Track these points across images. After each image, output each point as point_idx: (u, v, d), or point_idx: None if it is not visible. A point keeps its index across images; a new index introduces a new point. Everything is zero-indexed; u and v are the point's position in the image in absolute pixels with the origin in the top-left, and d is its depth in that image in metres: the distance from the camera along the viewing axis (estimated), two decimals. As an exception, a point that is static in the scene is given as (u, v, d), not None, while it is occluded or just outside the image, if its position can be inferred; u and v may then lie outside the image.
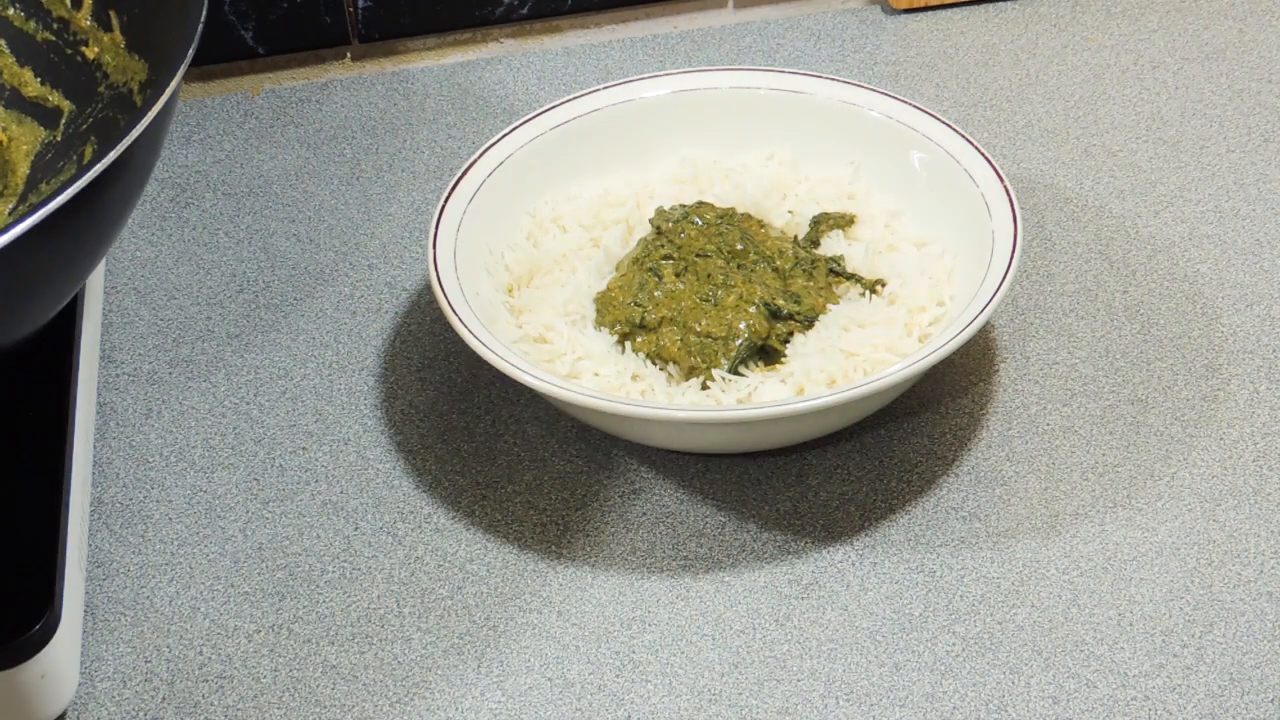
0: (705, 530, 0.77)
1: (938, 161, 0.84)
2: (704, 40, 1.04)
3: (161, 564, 0.77)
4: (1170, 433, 0.80)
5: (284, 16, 1.01)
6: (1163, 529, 0.76)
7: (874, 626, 0.73)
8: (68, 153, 0.79)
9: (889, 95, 0.87)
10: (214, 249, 0.92)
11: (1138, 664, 0.70)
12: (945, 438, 0.80)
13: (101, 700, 0.71)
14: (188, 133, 0.99)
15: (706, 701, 0.70)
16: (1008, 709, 0.69)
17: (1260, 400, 0.81)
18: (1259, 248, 0.89)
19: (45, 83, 0.82)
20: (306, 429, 0.82)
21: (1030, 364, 0.83)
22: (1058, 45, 1.03)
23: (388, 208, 0.94)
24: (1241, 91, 0.99)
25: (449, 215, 0.82)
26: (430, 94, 1.01)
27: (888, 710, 0.70)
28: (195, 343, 0.87)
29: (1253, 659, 0.71)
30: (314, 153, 0.98)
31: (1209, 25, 1.03)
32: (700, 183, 0.87)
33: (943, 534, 0.76)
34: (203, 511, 0.79)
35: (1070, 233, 0.90)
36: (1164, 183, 0.93)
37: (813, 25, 1.05)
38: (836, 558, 0.75)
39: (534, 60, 1.04)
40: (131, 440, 0.82)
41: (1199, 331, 0.84)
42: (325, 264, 0.91)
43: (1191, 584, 0.73)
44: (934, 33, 1.04)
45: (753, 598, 0.74)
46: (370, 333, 0.87)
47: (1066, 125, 0.97)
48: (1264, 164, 0.94)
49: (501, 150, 0.86)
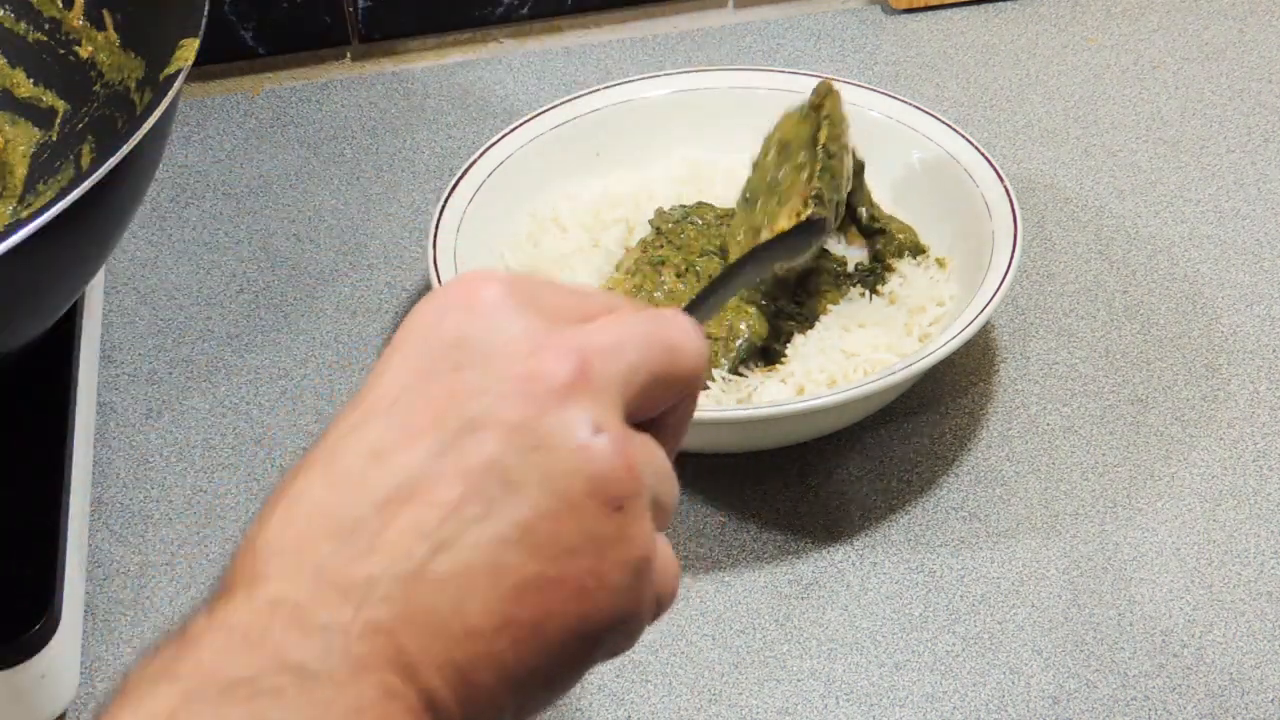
0: (705, 530, 0.77)
1: (938, 161, 0.84)
2: (704, 40, 1.04)
3: (161, 564, 0.77)
4: (1170, 433, 0.80)
5: (284, 16, 1.01)
6: (1163, 529, 0.76)
7: (874, 626, 0.73)
8: (64, 153, 0.79)
9: (889, 95, 0.87)
10: (214, 249, 0.92)
11: (1138, 664, 0.70)
12: (945, 438, 0.80)
13: (101, 700, 0.71)
14: (188, 133, 0.99)
15: (706, 701, 0.70)
16: (1008, 709, 0.69)
17: (1260, 400, 0.81)
18: (1259, 248, 0.89)
19: (38, 83, 0.82)
20: (306, 429, 0.82)
21: (1030, 364, 0.83)
22: (1058, 45, 1.03)
23: (388, 208, 0.94)
24: (1241, 91, 0.99)
25: (449, 215, 0.82)
26: (430, 94, 1.01)
27: (888, 710, 0.70)
28: (195, 343, 0.87)
29: (1253, 659, 0.71)
30: (314, 153, 0.98)
31: (1209, 25, 1.03)
32: (700, 183, 0.87)
33: (943, 534, 0.76)
34: (203, 511, 0.79)
35: (1070, 233, 0.90)
36: (1164, 183, 0.93)
37: (813, 25, 1.05)
38: (836, 558, 0.75)
39: (534, 60, 1.04)
40: (131, 440, 0.82)
41: (1199, 331, 0.84)
42: (325, 264, 0.91)
43: (1191, 584, 0.73)
44: (934, 33, 1.04)
45: (753, 598, 0.74)
46: (370, 333, 0.87)
47: (1066, 125, 0.97)
48: (1264, 164, 0.94)
49: (501, 150, 0.86)
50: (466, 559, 0.41)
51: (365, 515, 0.41)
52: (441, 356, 0.44)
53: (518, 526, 0.42)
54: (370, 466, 0.42)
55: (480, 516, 0.42)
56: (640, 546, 0.44)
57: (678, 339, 0.46)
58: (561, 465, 0.42)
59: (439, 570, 0.41)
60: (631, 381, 0.45)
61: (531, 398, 0.43)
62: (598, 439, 0.43)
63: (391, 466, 0.42)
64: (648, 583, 0.45)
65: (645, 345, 0.45)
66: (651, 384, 0.46)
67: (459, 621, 0.41)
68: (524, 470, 0.42)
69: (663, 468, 0.46)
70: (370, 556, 0.41)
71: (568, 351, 0.44)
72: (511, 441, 0.42)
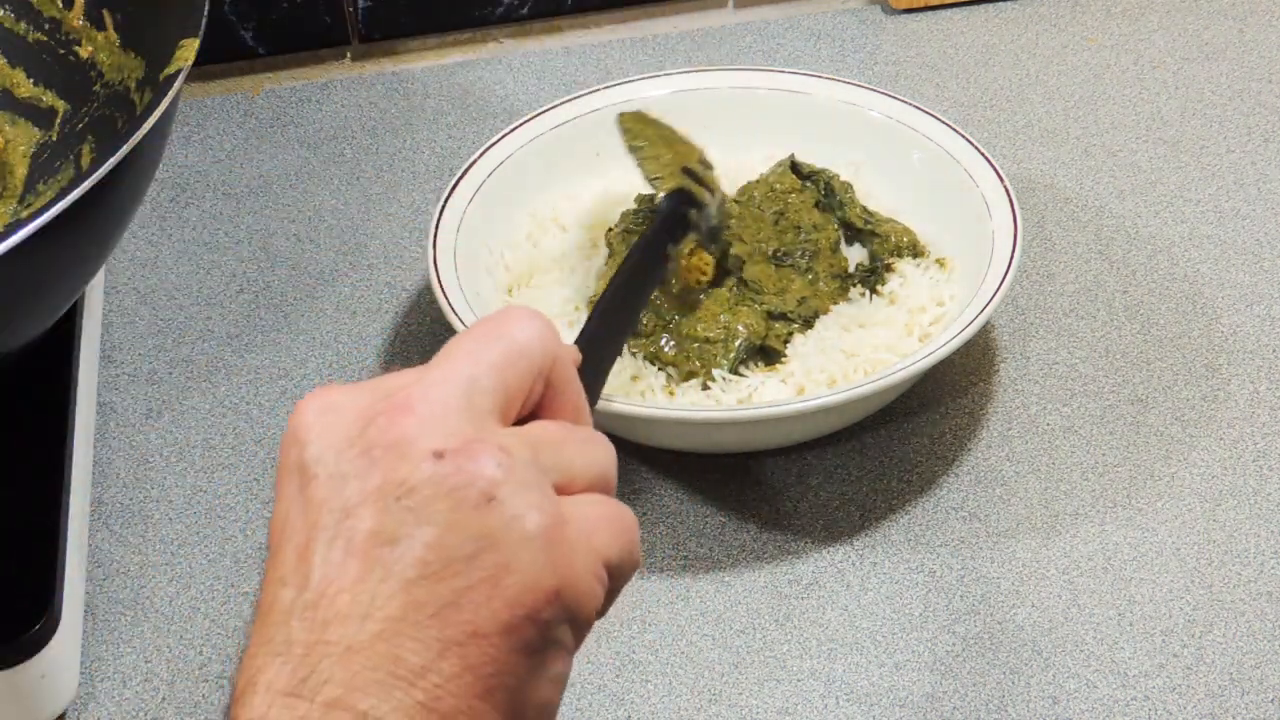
0: (705, 530, 0.77)
1: (938, 161, 0.84)
2: (704, 40, 1.04)
3: (161, 564, 0.77)
4: (1170, 433, 0.80)
5: (284, 16, 1.01)
6: (1163, 529, 0.76)
7: (874, 626, 0.72)
8: (64, 153, 0.79)
9: (889, 95, 0.87)
10: (214, 249, 0.92)
11: (1138, 664, 0.70)
12: (945, 438, 0.80)
13: (101, 700, 0.71)
14: (188, 133, 0.99)
15: (706, 701, 0.70)
16: (1008, 709, 0.69)
17: (1260, 400, 0.81)
18: (1259, 248, 0.89)
19: (38, 83, 0.82)
20: (306, 429, 0.82)
21: (1030, 364, 0.83)
22: (1058, 45, 1.03)
23: (388, 208, 0.94)
24: (1241, 91, 0.99)
25: (449, 215, 0.82)
26: (430, 94, 1.01)
27: (888, 710, 0.70)
28: (195, 343, 0.87)
29: (1253, 659, 0.71)
30: (314, 153, 0.98)
31: (1209, 25, 1.03)
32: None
33: (943, 534, 0.76)
34: (203, 511, 0.79)
35: (1070, 233, 0.90)
36: (1164, 183, 0.93)
37: (813, 25, 1.05)
38: (836, 558, 0.75)
39: (534, 60, 1.04)
40: (131, 440, 0.82)
41: (1199, 331, 0.84)
42: (325, 264, 0.91)
43: (1191, 584, 0.73)
44: (934, 33, 1.04)
45: (753, 598, 0.74)
46: (370, 333, 0.87)
47: (1066, 125, 0.97)
48: (1264, 164, 0.94)
49: (501, 150, 0.86)
50: (384, 614, 0.45)
51: (292, 631, 0.45)
52: (294, 483, 0.47)
53: (414, 565, 0.45)
54: (282, 591, 0.46)
55: (383, 576, 0.45)
56: (536, 519, 0.46)
57: (514, 331, 0.49)
58: (424, 500, 0.45)
59: (364, 637, 0.45)
60: (477, 390, 0.48)
61: (377, 463, 0.46)
62: (441, 462, 0.46)
63: (297, 583, 0.46)
64: (567, 545, 0.47)
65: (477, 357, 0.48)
66: (504, 380, 0.48)
67: (403, 667, 0.44)
68: (399, 522, 0.45)
69: (557, 437, 0.49)
70: (306, 659, 0.45)
71: (391, 407, 0.47)
72: (379, 506, 0.46)
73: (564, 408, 0.51)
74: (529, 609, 0.46)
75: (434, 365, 0.48)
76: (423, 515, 0.45)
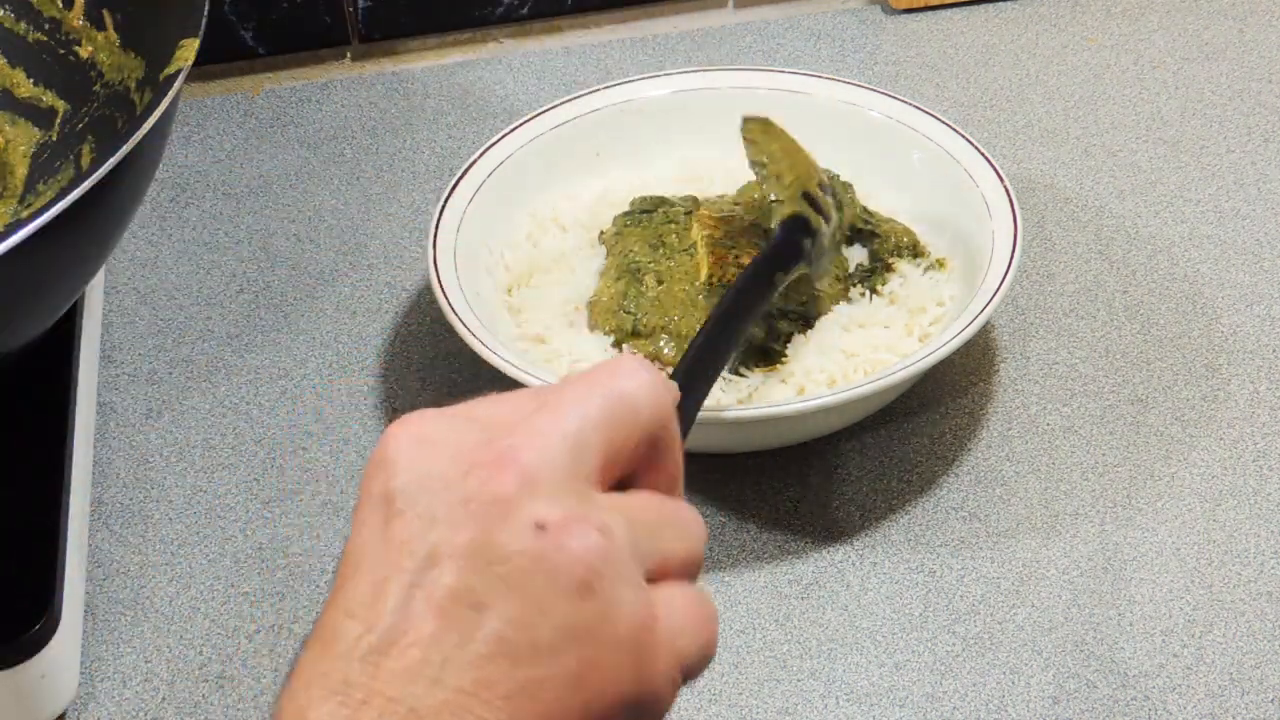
0: (705, 530, 0.77)
1: (938, 161, 0.84)
2: (704, 40, 1.04)
3: (161, 564, 0.77)
4: (1170, 433, 0.80)
5: (284, 16, 1.01)
6: (1163, 529, 0.76)
7: (874, 626, 0.73)
8: (64, 153, 0.79)
9: (889, 95, 0.87)
10: (214, 249, 0.92)
11: (1138, 664, 0.70)
12: (945, 438, 0.80)
13: (101, 700, 0.71)
14: (188, 133, 0.99)
15: (706, 701, 0.70)
16: (1008, 709, 0.69)
17: (1260, 400, 0.81)
18: (1259, 248, 0.89)
19: (38, 83, 0.82)
20: (306, 429, 0.82)
21: (1030, 364, 0.83)
22: (1058, 45, 1.03)
23: (388, 208, 0.94)
24: (1241, 91, 0.99)
25: (449, 215, 0.82)
26: (430, 94, 1.01)
27: (888, 710, 0.70)
28: (195, 343, 0.87)
29: (1253, 659, 0.71)
30: (314, 153, 0.98)
31: (1209, 25, 1.03)
32: (700, 183, 0.87)
33: (943, 534, 0.76)
34: (203, 511, 0.79)
35: (1070, 233, 0.90)
36: (1164, 183, 0.93)
37: (813, 25, 1.05)
38: (836, 558, 0.75)
39: (534, 60, 1.04)
40: (131, 440, 0.82)
41: (1199, 331, 0.84)
42: (325, 264, 0.91)
43: (1191, 584, 0.73)
44: (934, 33, 1.04)
45: (753, 598, 0.74)
46: (370, 333, 0.87)
47: (1066, 125, 0.97)
48: (1264, 164, 0.94)
49: (501, 150, 0.86)
50: (455, 684, 0.43)
51: (353, 671, 0.43)
52: (379, 514, 0.45)
53: (492, 641, 0.43)
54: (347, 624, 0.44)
55: (459, 642, 0.43)
56: (628, 619, 0.44)
57: (624, 385, 0.46)
58: (517, 572, 0.43)
59: (432, 703, 0.42)
60: (583, 449, 0.45)
61: (473, 517, 0.44)
62: (542, 536, 0.43)
63: (366, 621, 0.43)
64: (652, 652, 0.45)
65: (584, 410, 0.46)
66: (609, 439, 0.46)
67: None
68: (487, 588, 0.43)
69: (655, 518, 0.46)
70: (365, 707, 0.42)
71: (495, 459, 0.44)
72: (468, 564, 0.43)
73: (662, 475, 0.48)
74: (603, 714, 0.44)
75: (541, 409, 0.46)
76: (514, 587, 0.43)
